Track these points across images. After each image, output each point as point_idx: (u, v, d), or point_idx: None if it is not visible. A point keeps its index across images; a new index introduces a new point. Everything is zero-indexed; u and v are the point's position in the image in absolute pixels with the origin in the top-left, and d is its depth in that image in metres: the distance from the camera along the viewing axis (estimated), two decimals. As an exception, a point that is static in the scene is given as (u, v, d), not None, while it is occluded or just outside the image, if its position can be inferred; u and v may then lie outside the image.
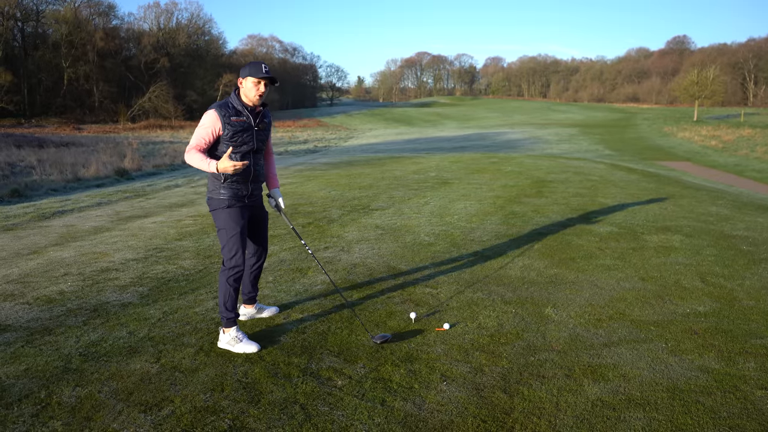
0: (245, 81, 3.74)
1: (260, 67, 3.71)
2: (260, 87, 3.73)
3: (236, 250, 3.84)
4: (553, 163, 17.46)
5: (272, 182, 4.30)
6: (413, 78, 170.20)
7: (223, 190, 3.82)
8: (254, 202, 3.99)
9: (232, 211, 3.84)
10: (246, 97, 3.77)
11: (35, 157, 24.30)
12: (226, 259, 3.84)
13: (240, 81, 3.78)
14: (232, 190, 3.83)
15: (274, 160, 4.33)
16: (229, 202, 3.82)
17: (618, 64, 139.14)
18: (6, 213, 9.36)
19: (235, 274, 3.86)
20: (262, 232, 4.18)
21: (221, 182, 3.81)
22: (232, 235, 3.83)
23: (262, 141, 3.91)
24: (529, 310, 4.66)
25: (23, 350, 3.80)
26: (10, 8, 68.77)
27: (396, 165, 17.19)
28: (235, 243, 3.84)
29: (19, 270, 5.76)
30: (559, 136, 44.78)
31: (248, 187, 3.90)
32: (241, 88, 3.80)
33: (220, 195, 3.83)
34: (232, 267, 3.84)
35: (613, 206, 9.48)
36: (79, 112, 72.19)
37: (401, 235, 7.33)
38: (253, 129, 3.82)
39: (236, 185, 3.84)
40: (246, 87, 3.75)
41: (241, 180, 3.83)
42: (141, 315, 4.45)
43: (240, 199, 3.86)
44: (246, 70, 3.74)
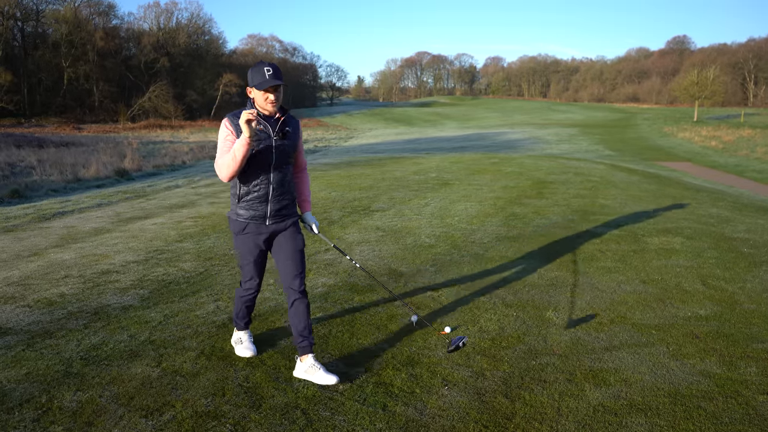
0: (253, 92, 3.35)
1: (263, 75, 3.27)
2: (269, 97, 3.32)
3: (249, 277, 3.64)
4: (553, 164, 17.45)
5: (303, 205, 3.80)
6: (413, 78, 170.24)
7: (240, 210, 3.46)
8: (278, 226, 3.51)
9: (246, 239, 3.51)
10: (261, 107, 3.38)
11: (35, 157, 24.30)
12: (242, 279, 3.70)
13: (249, 90, 3.38)
14: (250, 210, 3.45)
15: (307, 178, 3.83)
16: (245, 227, 3.47)
17: (618, 64, 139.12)
18: (6, 214, 9.36)
19: (246, 296, 3.71)
20: (291, 261, 3.52)
21: (237, 201, 3.46)
22: (245, 264, 3.59)
23: (284, 154, 3.42)
24: (530, 314, 4.66)
25: (24, 354, 3.79)
26: (9, 8, 68.68)
27: (396, 165, 17.18)
28: (248, 271, 3.62)
29: (20, 272, 5.76)
30: (559, 136, 44.79)
31: (267, 208, 3.44)
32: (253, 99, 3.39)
33: (237, 216, 3.48)
34: (246, 290, 3.69)
35: (613, 208, 9.48)
36: (79, 112, 72.10)
37: (402, 237, 7.32)
38: (272, 139, 3.36)
39: (255, 204, 3.43)
40: (256, 98, 3.35)
41: (259, 199, 3.42)
42: (142, 318, 4.45)
43: (258, 221, 3.46)
44: (250, 79, 3.34)
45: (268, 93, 3.31)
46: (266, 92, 3.31)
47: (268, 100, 3.33)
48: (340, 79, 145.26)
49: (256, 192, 3.42)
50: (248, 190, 3.42)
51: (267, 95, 3.32)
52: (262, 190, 3.42)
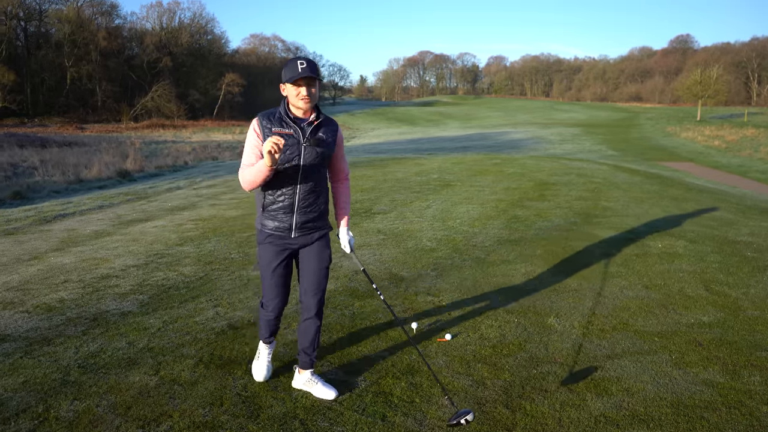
0: (286, 88, 3.10)
1: (296, 66, 3.00)
2: (301, 91, 3.03)
3: (269, 295, 3.34)
4: (555, 165, 17.40)
5: (340, 220, 3.50)
6: (416, 77, 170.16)
7: (265, 220, 3.24)
8: (305, 239, 3.26)
9: (266, 248, 3.27)
10: (294, 106, 3.12)
11: (38, 157, 24.33)
12: (262, 298, 3.42)
13: (282, 88, 3.12)
14: (275, 221, 3.21)
15: (347, 188, 3.50)
16: (266, 237, 3.25)
17: (621, 63, 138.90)
18: (7, 216, 9.35)
19: (267, 317, 3.42)
20: (313, 278, 3.32)
21: (261, 210, 3.24)
22: (265, 278, 3.31)
23: (315, 161, 3.14)
24: (532, 320, 4.62)
25: (22, 362, 3.77)
26: (13, 8, 68.87)
27: (398, 166, 17.14)
28: (267, 286, 3.32)
29: (20, 277, 5.74)
30: (562, 136, 44.70)
31: (293, 219, 3.19)
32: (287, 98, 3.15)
33: (261, 226, 3.27)
34: (269, 310, 3.40)
35: (616, 210, 9.43)
36: (82, 112, 72.27)
37: (403, 240, 7.29)
38: (301, 145, 3.09)
39: (279, 214, 3.19)
40: (289, 95, 3.10)
41: (284, 209, 3.18)
42: (140, 324, 4.42)
43: (282, 233, 3.22)
44: (283, 75, 3.09)
45: (300, 87, 3.03)
46: (298, 86, 3.03)
47: (300, 95, 3.03)
48: (342, 79, 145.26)
49: (281, 202, 3.17)
50: (273, 199, 3.18)
51: (299, 89, 3.03)
52: (288, 200, 3.17)
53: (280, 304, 3.39)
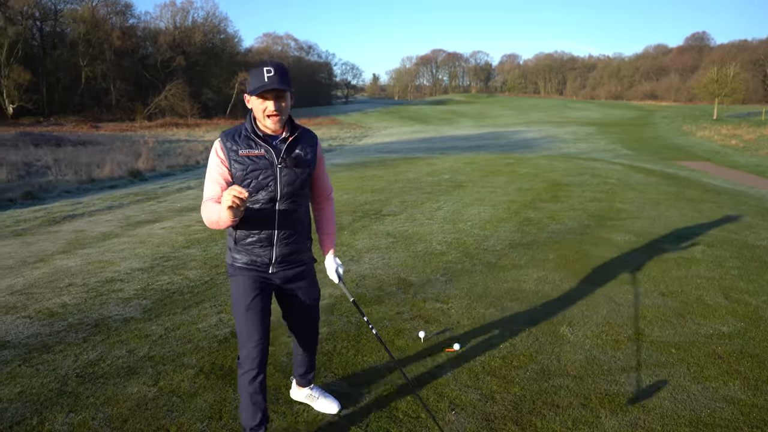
0: (251, 101, 2.57)
1: (261, 75, 2.47)
2: (268, 106, 2.52)
3: (246, 335, 2.67)
4: (569, 165, 17.17)
5: (326, 245, 3.01)
6: (428, 75, 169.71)
7: (236, 254, 2.74)
8: (285, 274, 2.81)
9: (238, 281, 2.73)
10: (259, 121, 2.61)
11: (52, 156, 24.46)
12: (239, 350, 2.74)
13: (246, 99, 2.60)
14: (250, 255, 2.72)
15: (332, 208, 3.03)
16: (238, 270, 2.75)
17: (636, 61, 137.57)
18: (17, 217, 9.34)
19: (248, 373, 2.68)
20: (299, 320, 2.98)
21: (233, 243, 2.73)
22: (238, 314, 2.70)
23: (294, 186, 2.65)
24: (544, 329, 4.48)
25: (20, 370, 3.69)
26: (29, 8, 69.46)
27: (410, 166, 17.01)
28: (243, 324, 2.68)
29: (24, 280, 5.68)
30: (576, 134, 44.29)
31: (272, 253, 2.72)
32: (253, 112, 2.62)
33: (233, 260, 2.76)
34: (245, 361, 2.69)
35: (631, 212, 9.23)
36: (97, 111, 72.78)
37: (413, 244, 7.16)
38: (275, 167, 2.60)
39: (255, 249, 2.71)
40: (254, 109, 2.57)
41: (260, 243, 2.70)
42: (142, 331, 4.33)
43: (260, 268, 2.75)
44: (248, 85, 2.57)
45: (266, 101, 2.51)
46: (264, 99, 2.51)
47: (267, 110, 2.52)
48: (355, 77, 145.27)
49: (257, 235, 2.68)
50: (246, 232, 2.68)
51: (265, 104, 2.51)
52: (264, 232, 2.68)
53: (260, 349, 2.67)
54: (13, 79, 63.54)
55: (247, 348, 2.66)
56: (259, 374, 2.68)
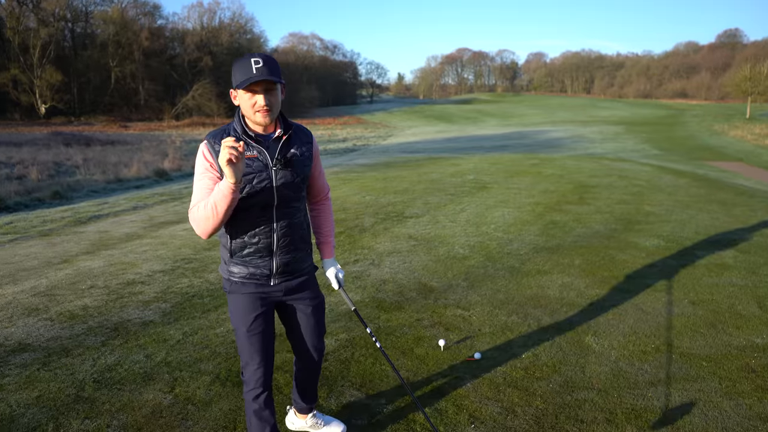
0: (238, 95, 2.36)
1: (248, 66, 2.26)
2: (258, 100, 2.30)
3: (248, 359, 2.54)
4: (596, 165, 16.88)
5: (325, 249, 2.85)
6: (453, 74, 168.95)
7: (233, 267, 2.53)
8: (287, 286, 2.60)
9: (237, 299, 2.54)
10: (250, 120, 2.39)
11: (81, 156, 24.89)
12: (242, 372, 2.63)
13: (233, 95, 2.38)
14: (248, 267, 2.51)
15: (330, 209, 2.86)
16: (235, 285, 2.54)
17: (665, 58, 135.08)
18: (44, 217, 9.47)
19: (252, 392, 2.58)
20: (304, 333, 2.74)
21: (229, 255, 2.52)
22: (239, 337, 2.55)
23: (291, 188, 2.46)
24: (568, 338, 4.35)
25: (38, 374, 3.70)
26: (60, 10, 70.96)
27: (433, 167, 16.89)
28: (244, 348, 2.54)
29: (48, 281, 5.73)
30: (603, 134, 43.62)
31: (272, 263, 2.53)
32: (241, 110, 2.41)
33: (229, 274, 2.55)
34: (248, 382, 2.58)
35: (659, 215, 9.00)
36: (126, 110, 73.99)
37: (435, 247, 7.06)
38: (270, 169, 2.40)
39: (254, 260, 2.50)
40: (242, 106, 2.36)
41: (259, 253, 2.50)
42: (160, 336, 4.32)
43: (260, 281, 2.54)
44: (232, 77, 2.34)
45: (255, 94, 2.29)
46: (252, 93, 2.29)
47: (257, 105, 2.30)
48: (380, 77, 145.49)
49: (255, 245, 2.48)
50: (243, 242, 2.48)
51: (254, 98, 2.29)
52: (263, 241, 2.47)
53: (263, 373, 2.56)
54: (45, 80, 64.97)
55: (249, 370, 2.56)
56: (263, 392, 2.59)
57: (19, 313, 4.81)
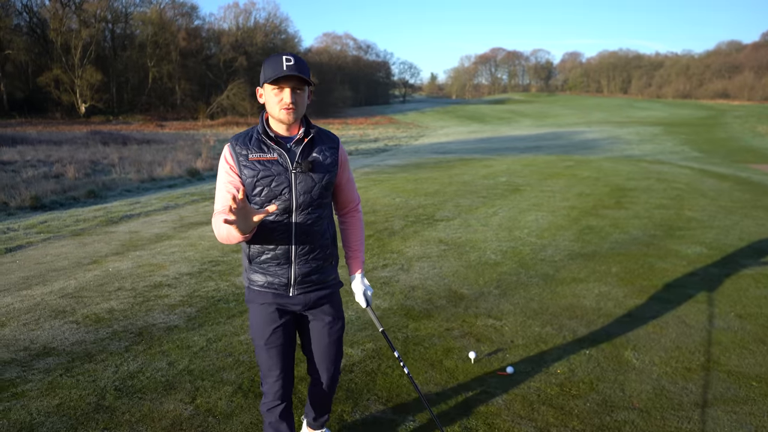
0: (264, 92, 2.30)
1: (279, 62, 2.21)
2: (284, 96, 2.24)
3: (266, 372, 2.48)
4: (634, 168, 16.42)
5: (353, 265, 2.69)
6: (487, 74, 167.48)
7: (253, 275, 2.46)
8: (307, 297, 2.48)
9: (256, 309, 2.47)
10: (274, 118, 2.32)
11: (117, 154, 25.32)
12: (261, 384, 2.57)
13: (259, 93, 2.34)
14: (266, 276, 2.43)
15: (360, 222, 2.69)
16: (256, 295, 2.47)
17: (707, 58, 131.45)
18: (77, 216, 9.58)
19: (269, 403, 2.52)
20: (318, 353, 2.60)
21: (248, 262, 2.45)
22: (257, 349, 2.49)
23: (313, 192, 2.35)
24: (606, 353, 4.13)
25: (60, 381, 3.65)
26: (101, 11, 72.63)
27: (465, 168, 16.65)
28: (264, 361, 2.47)
29: (76, 282, 5.73)
30: (640, 135, 42.60)
31: (290, 272, 2.42)
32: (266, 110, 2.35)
33: (249, 282, 2.49)
34: (266, 395, 2.52)
35: (701, 221, 8.64)
36: (162, 110, 75.33)
37: (466, 252, 6.87)
38: (289, 172, 2.31)
39: (271, 267, 2.41)
40: (268, 102, 2.29)
41: (276, 260, 2.40)
42: (184, 342, 4.24)
43: (278, 290, 2.44)
44: (261, 74, 2.29)
45: (281, 90, 2.23)
46: (279, 88, 2.23)
47: (282, 102, 2.24)
48: (413, 77, 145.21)
49: (273, 251, 2.38)
50: (261, 248, 2.39)
51: (281, 94, 2.24)
52: (281, 247, 2.37)
53: (281, 386, 2.49)
54: (85, 80, 66.56)
55: (267, 383, 2.50)
56: (281, 404, 2.52)
57: (46, 315, 4.80)
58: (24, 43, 67.81)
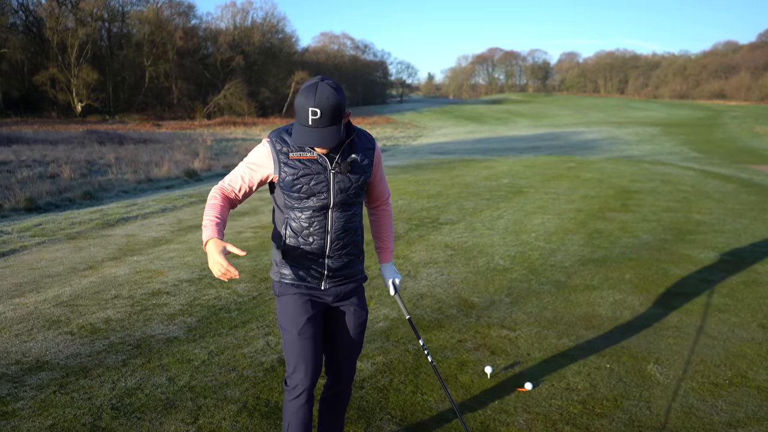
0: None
1: (305, 120, 2.17)
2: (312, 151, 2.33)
3: (295, 363, 2.42)
4: (636, 169, 16.25)
5: (383, 254, 2.76)
6: (484, 74, 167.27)
7: (284, 269, 2.46)
8: (337, 292, 2.50)
9: (287, 300, 2.45)
10: None
11: (114, 154, 25.03)
12: (286, 374, 2.51)
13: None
14: (299, 269, 2.43)
15: (389, 214, 2.72)
16: (287, 287, 2.46)
17: (703, 58, 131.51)
18: (73, 219, 9.35)
19: (296, 399, 2.45)
20: (343, 344, 2.58)
21: (279, 256, 2.45)
22: (288, 340, 2.43)
23: (350, 192, 2.38)
24: (627, 366, 3.94)
25: (54, 398, 3.43)
26: (98, 10, 72.19)
27: (466, 169, 16.46)
28: (292, 351, 2.42)
29: (71, 289, 5.52)
30: (639, 136, 42.48)
31: (324, 267, 2.44)
32: None
33: (280, 276, 2.47)
34: (294, 388, 2.44)
35: (711, 224, 8.47)
36: (159, 109, 74.96)
37: (473, 257, 6.68)
38: (329, 172, 2.33)
39: (305, 261, 2.42)
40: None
41: (312, 254, 2.41)
42: (185, 355, 4.04)
43: (311, 284, 2.46)
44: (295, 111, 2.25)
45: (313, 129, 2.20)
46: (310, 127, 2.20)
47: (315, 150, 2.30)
48: (410, 76, 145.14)
49: (309, 245, 2.40)
50: (296, 242, 2.40)
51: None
52: (317, 242, 2.39)
53: (311, 379, 2.42)
54: (82, 79, 66.12)
55: (297, 376, 2.44)
56: (309, 400, 2.48)
57: (39, 326, 4.58)
58: (20, 41, 67.32)
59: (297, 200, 2.34)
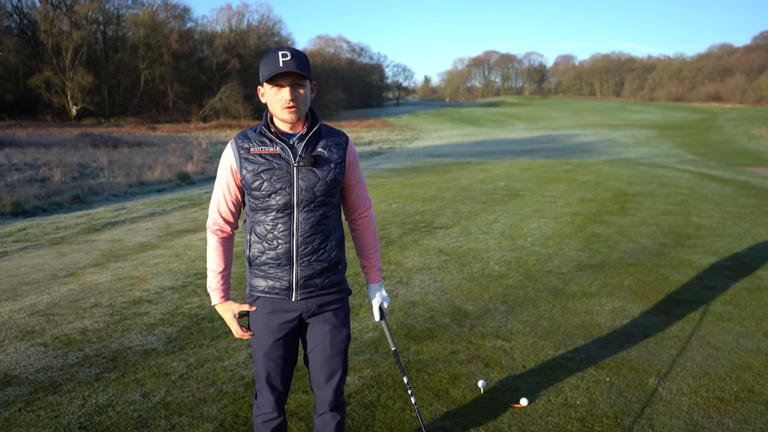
0: (264, 92, 2.18)
1: (275, 59, 2.08)
2: (283, 94, 2.11)
3: (261, 385, 2.34)
4: (634, 172, 16.10)
5: (370, 274, 2.51)
6: (480, 77, 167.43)
7: (254, 280, 2.29)
8: (308, 305, 2.28)
9: (257, 319, 2.29)
10: (277, 117, 2.19)
11: (107, 158, 24.77)
12: (256, 389, 2.40)
13: (260, 92, 2.22)
14: (267, 278, 2.25)
15: (373, 227, 2.48)
16: (256, 300, 2.29)
17: (698, 61, 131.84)
18: (59, 223, 9.13)
19: (263, 415, 2.37)
20: (319, 366, 2.35)
21: (248, 264, 2.30)
22: (256, 359, 2.33)
23: (316, 189, 2.19)
24: (628, 380, 3.74)
25: (18, 417, 3.22)
26: (93, 12, 71.94)
27: (462, 172, 16.28)
28: (260, 373, 2.32)
29: (49, 297, 5.30)
30: (635, 138, 42.41)
31: (291, 275, 2.23)
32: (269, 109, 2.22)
33: (251, 289, 2.31)
34: (260, 406, 2.37)
35: (711, 228, 8.29)
36: (155, 112, 74.64)
37: (468, 263, 6.49)
38: (291, 167, 2.16)
39: (271, 269, 2.23)
40: (269, 102, 2.17)
41: (277, 261, 2.22)
42: (162, 368, 3.83)
43: (278, 295, 2.25)
44: (260, 71, 2.17)
45: (281, 88, 2.10)
46: (278, 87, 2.11)
47: (282, 100, 2.10)
48: (406, 79, 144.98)
49: (273, 250, 2.21)
50: (261, 249, 2.23)
51: (279, 92, 2.11)
52: (281, 246, 2.20)
53: (275, 400, 2.34)
54: (77, 82, 65.81)
55: (263, 396, 2.37)
56: (277, 418, 2.38)
57: (12, 336, 4.37)
58: (14, 44, 66.95)
59: (259, 200, 2.18)
